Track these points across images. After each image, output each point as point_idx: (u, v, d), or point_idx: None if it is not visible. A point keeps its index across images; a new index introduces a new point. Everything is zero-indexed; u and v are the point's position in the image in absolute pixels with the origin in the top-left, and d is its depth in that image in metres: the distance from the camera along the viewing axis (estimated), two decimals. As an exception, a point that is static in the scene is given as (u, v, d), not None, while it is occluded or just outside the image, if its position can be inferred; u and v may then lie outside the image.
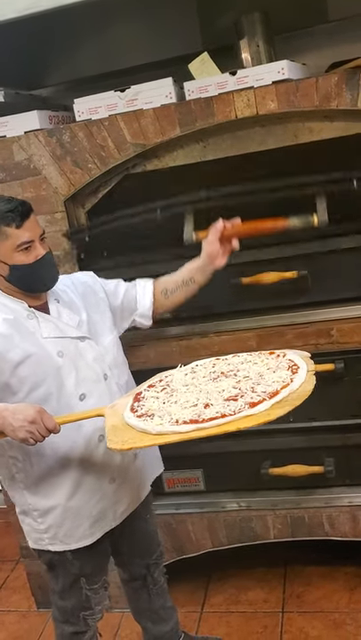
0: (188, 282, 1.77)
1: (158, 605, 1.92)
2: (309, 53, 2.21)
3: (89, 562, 1.68)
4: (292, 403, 1.29)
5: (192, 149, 1.95)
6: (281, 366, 1.45)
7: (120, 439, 1.32)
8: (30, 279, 1.55)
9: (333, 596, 2.22)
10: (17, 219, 1.49)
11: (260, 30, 2.07)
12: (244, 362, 1.53)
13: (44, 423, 1.40)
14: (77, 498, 1.61)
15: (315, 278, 1.93)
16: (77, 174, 1.97)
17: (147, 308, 1.80)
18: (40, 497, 1.62)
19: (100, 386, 1.62)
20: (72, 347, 1.59)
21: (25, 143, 1.97)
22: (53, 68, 2.41)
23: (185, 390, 1.45)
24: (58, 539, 1.64)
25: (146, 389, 1.53)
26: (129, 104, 1.92)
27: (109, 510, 1.67)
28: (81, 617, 1.72)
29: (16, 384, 1.53)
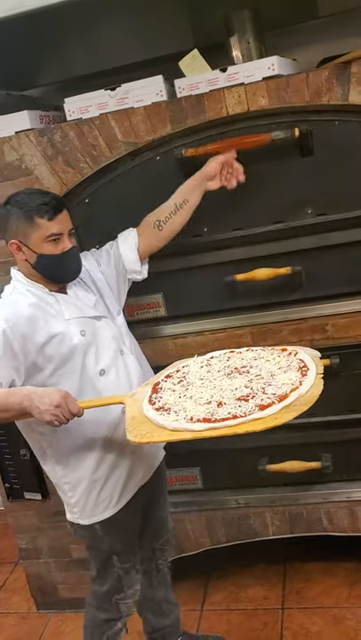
0: (182, 204, 1.82)
1: (160, 597, 1.95)
2: (300, 49, 2.21)
3: (117, 537, 1.75)
4: (300, 408, 1.35)
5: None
6: (292, 366, 1.50)
7: (139, 432, 1.42)
8: (55, 269, 1.64)
9: (333, 591, 2.22)
10: (50, 211, 1.59)
11: (250, 27, 2.06)
12: (257, 358, 1.59)
13: (68, 407, 1.49)
14: (101, 470, 1.70)
15: (309, 274, 1.93)
16: (69, 174, 1.96)
17: (133, 262, 1.84)
18: (69, 470, 1.70)
19: (118, 361, 1.71)
20: (91, 325, 1.68)
21: (16, 143, 1.96)
22: (44, 69, 2.40)
23: (200, 385, 1.53)
24: (86, 512, 1.72)
25: (163, 380, 1.60)
26: (119, 102, 1.91)
27: (131, 478, 1.74)
28: (114, 601, 1.80)
29: (42, 362, 1.61)
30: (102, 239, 1.89)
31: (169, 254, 2.00)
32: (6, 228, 1.63)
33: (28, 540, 2.32)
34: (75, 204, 2.03)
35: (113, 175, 1.98)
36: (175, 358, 2.06)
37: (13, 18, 1.79)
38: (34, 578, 2.39)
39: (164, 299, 2.10)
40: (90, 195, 2.02)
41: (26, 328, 1.57)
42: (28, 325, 1.58)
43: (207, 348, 2.05)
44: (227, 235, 1.97)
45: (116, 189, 1.99)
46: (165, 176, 1.89)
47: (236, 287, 1.97)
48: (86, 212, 2.03)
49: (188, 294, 2.07)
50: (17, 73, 2.33)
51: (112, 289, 1.83)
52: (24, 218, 1.59)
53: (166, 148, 1.93)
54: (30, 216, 1.58)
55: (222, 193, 1.89)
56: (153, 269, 1.95)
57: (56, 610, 2.38)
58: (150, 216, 1.84)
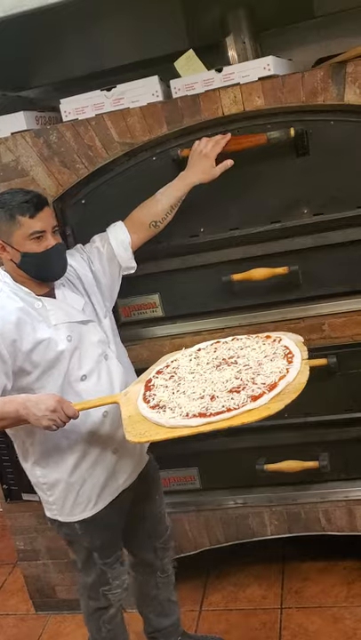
0: (177, 204, 1.85)
1: (164, 597, 1.96)
2: (296, 49, 2.22)
3: (98, 535, 1.76)
4: (290, 396, 1.39)
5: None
6: (277, 354, 1.53)
7: (137, 431, 1.43)
8: (40, 267, 1.63)
9: (332, 590, 2.22)
10: (31, 209, 1.58)
11: (245, 27, 2.07)
12: (243, 347, 1.62)
13: (64, 411, 1.50)
14: (79, 472, 1.70)
15: (306, 274, 1.93)
16: (65, 174, 1.96)
17: (128, 260, 1.85)
18: (47, 470, 1.71)
19: (101, 366, 1.70)
20: (78, 330, 1.68)
21: (12, 144, 1.96)
22: (40, 69, 2.40)
23: (191, 379, 1.55)
24: (65, 511, 1.73)
25: (155, 376, 1.62)
26: (115, 103, 1.91)
27: (111, 480, 1.74)
28: (101, 592, 1.80)
29: (29, 367, 1.61)
30: (99, 239, 1.89)
31: (166, 255, 2.00)
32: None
33: (26, 541, 2.32)
34: (71, 204, 2.03)
35: (109, 176, 1.98)
36: (172, 358, 2.08)
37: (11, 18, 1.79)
38: (32, 579, 2.39)
39: (161, 299, 2.10)
40: (86, 195, 2.02)
41: (14, 334, 1.57)
42: (15, 331, 1.57)
43: (204, 348, 2.06)
44: (223, 235, 1.97)
45: (112, 190, 1.99)
46: (161, 176, 1.88)
47: (233, 287, 1.98)
48: (82, 213, 2.03)
49: (185, 294, 2.07)
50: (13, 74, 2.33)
51: (104, 287, 1.82)
52: (6, 217, 1.59)
53: (162, 149, 1.93)
54: (12, 215, 1.58)
55: (219, 193, 1.90)
56: (150, 270, 1.95)
57: (54, 611, 2.38)
58: (144, 216, 1.83)
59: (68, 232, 2.01)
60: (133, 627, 2.07)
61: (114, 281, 1.85)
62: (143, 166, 1.95)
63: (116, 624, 1.87)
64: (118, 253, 1.83)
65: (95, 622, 1.86)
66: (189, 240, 2.00)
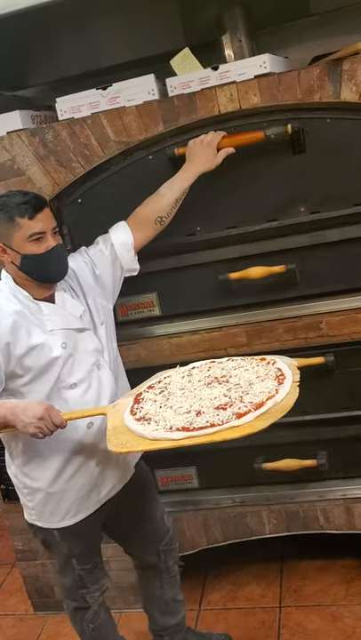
0: (181, 198, 1.83)
1: (169, 596, 1.95)
2: (292, 47, 2.22)
3: (77, 543, 1.75)
4: (275, 415, 1.39)
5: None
6: (269, 375, 1.53)
7: (119, 442, 1.44)
8: (40, 269, 1.61)
9: (330, 589, 2.22)
10: (30, 210, 1.57)
11: (242, 25, 2.06)
12: (237, 367, 1.62)
13: (52, 420, 1.50)
14: (60, 482, 1.69)
15: (303, 272, 1.92)
16: (61, 173, 1.95)
17: (130, 262, 1.84)
18: (28, 478, 1.71)
19: (93, 375, 1.69)
20: (74, 338, 1.67)
21: (8, 144, 1.95)
22: (36, 69, 2.39)
23: (180, 395, 1.55)
24: (44, 517, 1.74)
25: (145, 390, 1.62)
26: (111, 102, 1.90)
27: (93, 492, 1.73)
28: (79, 594, 1.80)
29: (20, 371, 1.61)
30: (96, 238, 1.87)
31: (163, 253, 1.99)
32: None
33: (24, 541, 2.31)
34: (67, 204, 2.02)
35: (105, 175, 1.98)
36: (170, 358, 2.08)
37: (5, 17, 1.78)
38: (30, 579, 2.39)
39: (159, 298, 2.09)
40: (82, 194, 2.01)
41: (8, 337, 1.56)
42: (10, 334, 1.57)
43: (202, 347, 2.05)
44: (220, 233, 1.97)
45: (108, 189, 1.98)
46: (158, 175, 1.88)
47: (231, 286, 1.97)
48: (79, 212, 2.02)
49: (182, 293, 2.07)
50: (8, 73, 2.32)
51: (108, 291, 1.81)
52: (5, 219, 1.57)
53: (158, 147, 1.92)
54: (11, 216, 1.57)
55: (215, 191, 1.90)
56: (147, 269, 1.94)
57: (53, 611, 2.38)
58: (149, 212, 1.82)
59: (64, 231, 2.00)
60: (134, 626, 2.07)
61: (116, 283, 1.84)
62: (139, 165, 1.95)
63: (100, 623, 1.87)
64: (121, 255, 1.81)
65: (79, 623, 1.86)
66: (186, 239, 1.99)
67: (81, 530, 1.74)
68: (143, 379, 1.91)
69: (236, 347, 2.03)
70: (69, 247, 1.98)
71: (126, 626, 2.21)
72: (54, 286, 1.69)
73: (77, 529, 1.73)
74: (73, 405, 1.64)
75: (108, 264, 1.81)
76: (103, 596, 1.86)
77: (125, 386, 1.83)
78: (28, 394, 1.62)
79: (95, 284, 1.79)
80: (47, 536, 1.76)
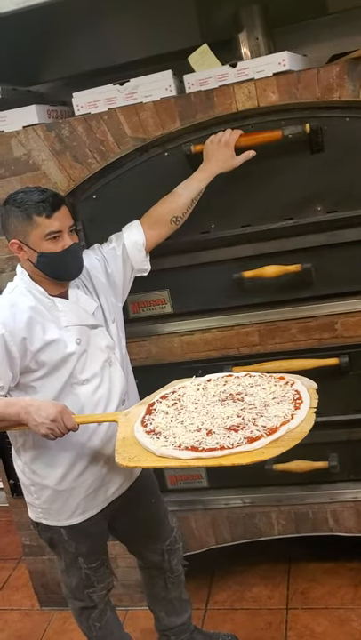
0: (197, 198, 1.82)
1: (174, 596, 1.95)
2: (309, 46, 2.20)
3: (84, 542, 1.74)
4: (287, 444, 1.36)
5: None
6: (286, 397, 1.50)
7: (127, 454, 1.43)
8: (56, 267, 1.61)
9: (338, 592, 2.21)
10: (48, 209, 1.56)
11: (259, 23, 2.05)
12: (254, 385, 1.59)
13: (64, 422, 1.50)
14: (68, 481, 1.68)
15: (318, 271, 1.91)
16: (77, 169, 1.95)
17: (141, 262, 1.83)
18: (37, 474, 1.70)
19: (104, 372, 1.69)
20: (87, 334, 1.66)
21: (24, 138, 1.94)
22: (51, 64, 2.39)
23: (193, 409, 1.53)
24: (51, 515, 1.73)
25: (158, 400, 1.60)
26: (128, 97, 1.90)
27: (101, 491, 1.73)
28: (85, 594, 1.80)
29: (35, 366, 1.61)
30: (110, 235, 1.87)
31: (176, 251, 1.98)
32: (6, 228, 1.62)
33: (31, 536, 2.30)
34: (82, 199, 2.02)
35: (121, 171, 1.97)
36: (181, 356, 2.07)
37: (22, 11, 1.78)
38: (37, 575, 2.38)
39: (171, 295, 2.08)
40: (97, 190, 2.00)
41: (24, 332, 1.56)
42: (26, 329, 1.57)
43: (214, 345, 2.04)
44: (235, 231, 1.95)
45: (123, 185, 1.98)
46: (174, 172, 1.87)
47: (244, 284, 1.96)
48: (94, 208, 2.01)
49: (194, 291, 2.05)
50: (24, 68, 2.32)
51: (118, 289, 1.81)
52: (22, 217, 1.57)
53: (175, 144, 1.92)
54: (28, 214, 1.56)
55: (230, 189, 1.88)
56: (159, 266, 1.93)
57: (59, 607, 2.37)
58: (164, 212, 1.81)
59: (79, 227, 1.99)
60: (140, 623, 2.06)
61: (126, 283, 1.84)
62: (155, 162, 1.94)
63: (106, 622, 1.87)
64: (132, 255, 1.81)
65: (85, 622, 1.86)
66: (200, 236, 1.98)
67: (88, 528, 1.73)
68: (153, 376, 1.91)
69: (249, 346, 2.02)
70: (83, 243, 1.97)
71: (132, 623, 2.21)
72: (68, 283, 1.69)
73: (85, 527, 1.73)
74: (84, 401, 1.64)
75: (119, 263, 1.81)
76: (109, 595, 1.86)
77: (133, 385, 1.83)
78: (40, 389, 1.62)
79: (107, 281, 1.79)
80: (54, 534, 1.75)
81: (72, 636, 2.24)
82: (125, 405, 1.72)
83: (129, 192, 1.96)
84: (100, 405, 1.66)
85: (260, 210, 1.92)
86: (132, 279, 1.85)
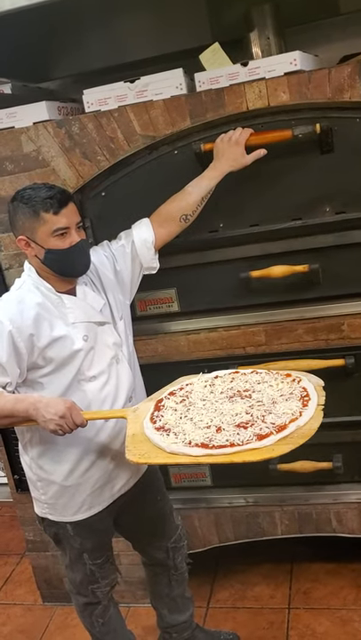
0: (207, 196, 1.82)
1: (177, 593, 1.95)
2: (320, 46, 2.20)
3: (89, 538, 1.75)
4: (297, 441, 1.36)
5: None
6: (294, 394, 1.51)
7: (138, 451, 1.44)
8: (63, 264, 1.61)
9: (341, 592, 2.21)
10: (55, 205, 1.56)
11: (270, 23, 2.05)
12: (261, 382, 1.60)
13: (72, 419, 1.50)
14: (75, 476, 1.69)
15: (326, 272, 1.91)
16: (86, 166, 1.95)
17: (150, 260, 1.83)
18: (43, 470, 1.71)
19: (112, 369, 1.70)
20: (94, 331, 1.67)
21: (33, 134, 1.95)
22: (61, 61, 2.40)
23: (202, 406, 1.54)
24: (57, 510, 1.73)
25: (167, 397, 1.61)
26: (139, 95, 1.90)
27: (107, 487, 1.73)
28: (89, 589, 1.80)
29: (42, 362, 1.61)
30: (118, 232, 1.87)
31: (183, 250, 1.99)
32: (14, 224, 1.62)
33: (35, 532, 2.32)
34: (91, 197, 2.02)
35: (130, 169, 1.97)
36: (187, 354, 2.07)
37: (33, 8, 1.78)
38: (40, 570, 2.39)
39: (178, 294, 2.09)
40: (106, 188, 2.01)
41: (31, 329, 1.57)
42: (33, 326, 1.57)
43: (220, 345, 2.04)
44: (243, 231, 1.95)
45: (132, 183, 1.98)
46: (183, 170, 1.87)
47: (251, 284, 1.96)
48: (102, 206, 2.02)
49: (201, 290, 2.06)
50: (34, 65, 2.33)
51: (126, 286, 1.81)
52: (30, 213, 1.57)
53: (184, 142, 1.92)
54: (36, 211, 1.56)
55: (239, 188, 1.88)
56: (167, 264, 1.93)
57: (62, 603, 2.38)
58: (174, 210, 1.80)
59: (87, 224, 2.00)
60: (142, 620, 2.07)
61: (134, 280, 1.84)
62: (165, 160, 1.94)
63: (109, 618, 1.87)
64: (141, 253, 1.81)
65: (88, 618, 1.87)
66: (208, 235, 1.98)
67: (94, 524, 1.74)
68: (160, 374, 1.91)
69: (255, 346, 2.02)
70: (91, 240, 1.98)
71: (134, 620, 2.22)
72: (75, 280, 1.69)
73: (90, 523, 1.73)
74: (92, 398, 1.65)
75: (128, 260, 1.81)
76: (112, 591, 1.87)
77: (140, 382, 1.84)
78: (47, 385, 1.62)
79: (115, 278, 1.79)
80: (59, 530, 1.76)
81: (74, 631, 2.25)
82: (132, 403, 1.72)
83: (138, 190, 1.97)
84: (108, 402, 1.66)
85: (268, 210, 1.92)
86: (141, 277, 1.85)
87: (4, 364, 1.55)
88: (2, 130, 1.98)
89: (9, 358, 1.55)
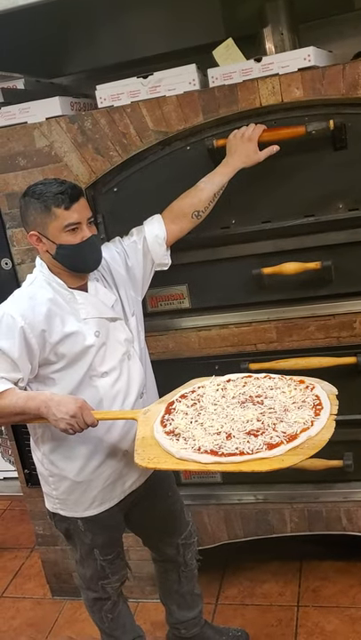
0: (219, 192, 1.81)
1: (187, 590, 1.95)
2: (334, 42, 2.18)
3: (100, 534, 1.75)
4: (307, 452, 1.34)
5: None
6: (307, 402, 1.49)
7: (147, 455, 1.43)
8: (75, 259, 1.61)
9: (350, 591, 2.20)
10: (66, 200, 1.56)
11: (284, 18, 2.04)
12: (274, 387, 1.58)
13: (83, 418, 1.51)
14: (87, 472, 1.69)
15: (338, 269, 1.90)
16: (99, 162, 1.95)
17: (162, 256, 1.83)
18: (55, 465, 1.71)
19: (123, 365, 1.70)
20: (106, 326, 1.67)
21: (46, 129, 1.95)
22: (74, 57, 2.40)
23: (213, 411, 1.52)
24: (68, 506, 1.74)
25: (178, 400, 1.60)
26: (152, 91, 1.90)
27: (118, 483, 1.74)
28: (99, 585, 1.81)
29: (54, 358, 1.62)
30: (130, 228, 1.87)
31: (195, 246, 1.98)
32: (25, 219, 1.63)
33: (44, 526, 2.33)
34: (103, 192, 2.02)
35: (142, 164, 1.97)
36: (198, 351, 2.07)
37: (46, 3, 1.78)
38: (49, 564, 2.41)
39: (189, 290, 2.08)
40: (118, 184, 2.01)
41: (43, 324, 1.57)
42: (45, 322, 1.58)
43: (231, 341, 2.04)
44: (255, 227, 1.95)
45: (145, 179, 1.98)
46: (196, 166, 1.87)
47: (263, 281, 1.95)
48: (114, 201, 2.02)
49: (213, 286, 2.05)
50: (47, 60, 2.33)
51: (138, 282, 1.81)
52: (41, 208, 1.57)
53: (197, 138, 1.91)
54: (47, 206, 1.57)
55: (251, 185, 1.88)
56: (178, 260, 1.93)
57: (71, 597, 2.39)
58: (186, 206, 1.80)
59: (99, 220, 2.00)
60: (151, 616, 2.07)
61: (146, 277, 1.84)
62: (177, 156, 1.94)
63: (119, 613, 1.88)
64: (153, 249, 1.80)
65: (97, 613, 1.87)
66: (220, 231, 1.98)
67: (105, 520, 1.74)
68: (170, 370, 1.92)
69: (266, 342, 2.01)
70: (103, 236, 1.98)
71: (143, 616, 2.23)
72: (87, 276, 1.69)
73: (101, 519, 1.74)
74: (103, 394, 1.65)
75: (140, 256, 1.81)
76: (122, 587, 1.87)
77: (151, 378, 1.83)
78: (59, 381, 1.62)
79: (127, 274, 1.79)
80: (70, 525, 1.76)
81: (83, 625, 2.26)
82: (144, 399, 1.72)
83: (150, 186, 1.96)
84: (119, 398, 1.67)
85: (281, 206, 1.92)
86: (153, 273, 1.85)
87: (16, 360, 1.55)
88: (15, 125, 1.98)
89: (21, 354, 1.55)
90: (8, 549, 2.80)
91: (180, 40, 2.20)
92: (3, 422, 2.03)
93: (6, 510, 3.10)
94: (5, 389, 1.54)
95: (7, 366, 1.55)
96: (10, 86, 2.13)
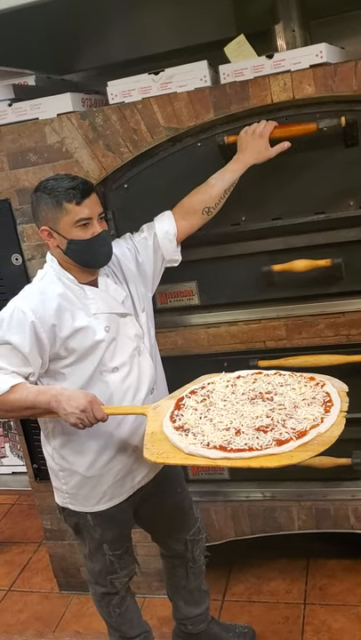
0: (230, 189, 1.81)
1: (194, 586, 1.95)
2: (346, 39, 2.17)
3: (109, 529, 1.76)
4: (316, 449, 1.34)
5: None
6: (317, 399, 1.48)
7: (156, 450, 1.43)
8: (85, 254, 1.62)
9: (357, 589, 2.20)
10: (77, 196, 1.57)
11: (295, 15, 2.04)
12: (284, 384, 1.57)
13: (93, 413, 1.52)
14: (97, 467, 1.70)
15: (349, 267, 1.89)
16: (109, 158, 1.95)
17: (172, 252, 1.83)
18: (66, 460, 1.72)
19: (134, 360, 1.70)
20: (116, 322, 1.67)
21: (57, 126, 1.96)
22: (85, 53, 2.40)
23: (222, 407, 1.52)
24: (78, 500, 1.74)
25: (187, 396, 1.60)
26: (163, 87, 1.89)
27: (128, 478, 1.74)
28: (108, 580, 1.82)
29: (64, 353, 1.62)
30: (140, 225, 1.87)
31: (205, 242, 1.98)
32: (36, 214, 1.64)
33: (52, 521, 2.34)
34: (113, 188, 2.02)
35: (153, 161, 1.97)
36: (207, 348, 2.07)
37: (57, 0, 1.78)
38: (57, 558, 2.42)
39: (198, 287, 2.08)
40: (129, 180, 2.01)
41: (53, 319, 1.58)
42: (55, 317, 1.58)
43: (240, 339, 2.04)
44: (265, 224, 1.94)
45: (155, 175, 1.98)
46: (206, 163, 1.87)
47: (273, 278, 1.95)
48: (124, 197, 2.02)
49: (222, 283, 2.05)
50: (58, 57, 2.34)
51: (148, 279, 1.82)
52: (53, 203, 1.58)
53: (208, 135, 1.91)
54: (58, 201, 1.57)
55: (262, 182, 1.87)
56: (188, 257, 1.93)
57: (78, 591, 2.41)
58: (197, 202, 1.80)
59: (109, 216, 2.00)
60: (158, 611, 2.08)
61: (156, 273, 1.84)
62: (188, 152, 1.94)
63: (126, 608, 1.89)
64: (163, 245, 1.81)
65: (105, 607, 1.88)
66: (230, 228, 1.97)
67: (114, 515, 1.75)
68: (179, 367, 1.92)
69: (276, 340, 2.01)
70: (113, 232, 1.98)
71: (150, 611, 2.24)
72: (97, 271, 1.70)
73: (111, 514, 1.74)
74: (113, 389, 1.65)
75: (150, 253, 1.81)
76: (130, 582, 1.88)
77: (161, 374, 1.84)
78: (69, 375, 1.63)
79: (137, 270, 1.79)
80: (80, 520, 1.77)
81: (90, 620, 2.28)
82: (154, 395, 1.73)
83: (161, 182, 1.97)
84: (129, 394, 1.67)
85: (291, 203, 1.91)
86: (163, 269, 1.86)
87: (26, 355, 1.56)
88: (26, 121, 1.99)
89: (31, 349, 1.56)
90: (16, 543, 2.82)
91: (192, 36, 2.20)
92: (13, 416, 2.04)
93: (14, 505, 3.12)
94: (16, 384, 1.55)
95: (18, 361, 1.56)
96: (21, 83, 2.13)
